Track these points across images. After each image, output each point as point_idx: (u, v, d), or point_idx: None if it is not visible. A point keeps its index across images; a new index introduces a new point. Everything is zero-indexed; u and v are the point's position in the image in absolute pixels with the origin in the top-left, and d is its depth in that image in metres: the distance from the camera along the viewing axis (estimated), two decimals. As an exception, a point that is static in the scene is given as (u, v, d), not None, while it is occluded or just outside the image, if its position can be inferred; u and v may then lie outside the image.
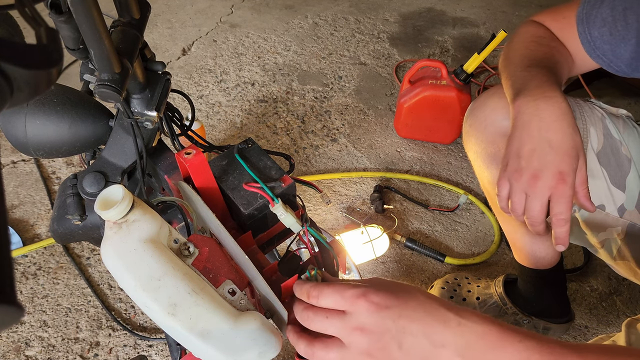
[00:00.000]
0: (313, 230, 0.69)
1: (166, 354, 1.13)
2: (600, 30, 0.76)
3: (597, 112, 0.85)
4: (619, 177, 0.84)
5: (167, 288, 0.51)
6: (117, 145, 0.78)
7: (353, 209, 1.43)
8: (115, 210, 0.51)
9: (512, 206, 0.70)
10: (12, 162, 1.53)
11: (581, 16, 0.78)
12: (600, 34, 0.77)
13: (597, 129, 0.84)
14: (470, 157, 0.97)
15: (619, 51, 0.76)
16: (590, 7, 0.78)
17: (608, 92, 0.76)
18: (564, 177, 0.66)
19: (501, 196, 0.72)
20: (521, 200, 0.69)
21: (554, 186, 0.66)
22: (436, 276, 1.28)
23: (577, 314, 1.20)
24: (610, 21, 0.75)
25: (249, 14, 2.20)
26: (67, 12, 0.58)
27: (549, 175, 0.66)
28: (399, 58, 1.97)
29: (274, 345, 0.55)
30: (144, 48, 0.73)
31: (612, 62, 0.78)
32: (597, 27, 0.77)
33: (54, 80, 0.30)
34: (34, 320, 1.18)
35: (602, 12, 0.76)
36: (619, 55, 0.76)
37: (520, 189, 0.69)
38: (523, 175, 0.68)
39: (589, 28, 0.77)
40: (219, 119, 1.70)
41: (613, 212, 0.85)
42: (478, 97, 0.92)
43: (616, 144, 0.84)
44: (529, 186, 0.68)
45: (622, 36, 0.74)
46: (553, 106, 0.67)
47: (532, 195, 0.68)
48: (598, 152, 0.83)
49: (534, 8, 2.26)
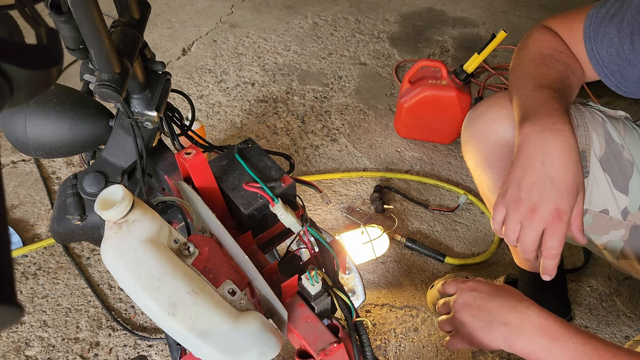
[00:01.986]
0: (313, 230, 0.69)
1: (166, 354, 1.13)
2: (608, 51, 0.75)
3: (597, 117, 0.85)
4: (621, 181, 0.83)
5: (167, 288, 0.51)
6: (117, 145, 0.78)
7: (353, 209, 1.43)
8: (115, 210, 0.51)
9: (506, 233, 0.71)
10: (12, 162, 1.53)
11: (588, 33, 0.77)
12: (608, 54, 0.76)
13: (599, 135, 0.83)
14: (469, 166, 0.97)
15: (626, 73, 0.75)
16: (597, 25, 0.76)
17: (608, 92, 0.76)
18: (560, 215, 0.66)
19: (496, 220, 0.72)
20: (516, 229, 0.70)
21: (550, 221, 0.67)
22: (436, 276, 1.28)
23: (577, 314, 1.20)
24: (617, 42, 0.74)
25: (249, 14, 2.20)
26: (67, 12, 0.58)
27: (546, 210, 0.67)
28: (399, 58, 1.97)
29: (274, 345, 0.56)
30: (144, 48, 0.74)
31: (620, 82, 0.77)
32: (604, 47, 0.76)
33: (54, 80, 0.30)
34: (34, 320, 1.18)
35: (609, 32, 0.75)
36: (627, 77, 0.76)
37: (516, 218, 0.69)
38: (521, 207, 0.68)
39: (597, 47, 0.77)
40: (219, 119, 1.70)
41: (617, 215, 0.85)
42: (477, 106, 0.91)
43: (618, 148, 0.83)
44: (526, 218, 0.68)
45: (628, 59, 0.73)
46: (560, 140, 0.67)
47: (527, 227, 0.68)
48: (601, 158, 0.83)
49: (534, 8, 2.26)
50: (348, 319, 0.61)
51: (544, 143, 0.67)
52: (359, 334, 0.61)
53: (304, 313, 0.64)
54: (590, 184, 0.83)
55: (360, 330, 0.61)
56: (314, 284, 0.63)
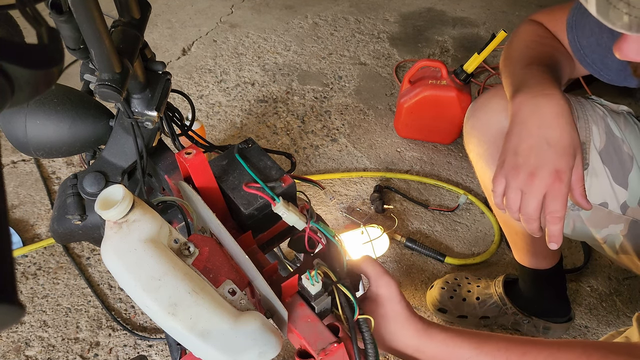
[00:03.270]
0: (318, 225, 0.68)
1: (166, 354, 1.13)
2: (589, 40, 0.76)
3: (598, 110, 0.85)
4: (621, 174, 0.84)
5: (167, 288, 0.51)
6: (117, 145, 0.78)
7: (353, 209, 1.43)
8: (115, 210, 0.51)
9: (507, 203, 0.70)
10: (12, 162, 1.53)
11: (571, 23, 0.78)
12: (588, 43, 0.77)
13: (599, 128, 0.84)
14: (471, 158, 0.97)
15: (607, 61, 0.76)
16: (579, 15, 0.77)
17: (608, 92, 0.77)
18: (560, 176, 0.66)
19: (496, 192, 0.71)
20: (517, 198, 0.69)
21: (550, 184, 0.66)
22: (436, 276, 1.28)
23: (577, 314, 1.20)
24: (597, 31, 0.75)
25: (249, 14, 2.20)
26: (68, 12, 0.58)
27: (545, 173, 0.66)
28: (399, 58, 1.97)
29: (274, 345, 0.56)
30: (144, 48, 0.74)
31: (602, 70, 0.78)
32: (585, 36, 0.77)
33: (54, 80, 0.30)
34: (34, 320, 1.18)
35: (590, 21, 0.76)
36: (607, 64, 0.76)
37: (516, 185, 0.68)
38: (520, 173, 0.68)
39: (578, 37, 0.78)
40: (219, 119, 1.70)
41: (616, 209, 0.85)
42: (479, 98, 0.92)
43: (618, 142, 0.84)
44: (526, 184, 0.67)
45: (608, 47, 0.74)
46: (552, 103, 0.67)
47: (528, 193, 0.68)
48: (600, 150, 0.83)
49: (533, 8, 2.26)
50: (349, 317, 0.61)
51: (537, 108, 0.68)
52: (361, 331, 0.61)
53: (304, 313, 0.64)
54: (589, 177, 0.84)
55: (363, 327, 0.61)
56: (314, 284, 0.63)
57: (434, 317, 1.20)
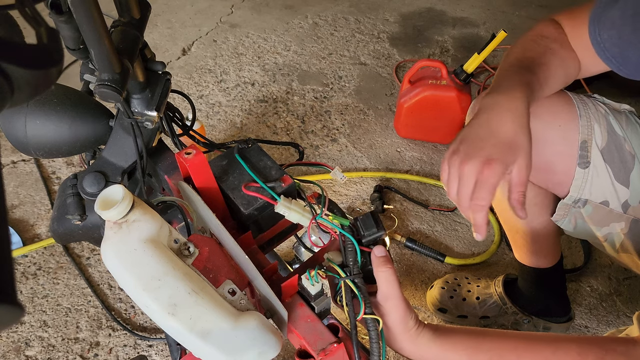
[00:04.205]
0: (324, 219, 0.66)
1: (166, 354, 1.13)
2: (610, 33, 0.76)
3: (600, 109, 0.85)
4: (622, 173, 0.84)
5: (167, 288, 0.51)
6: (117, 145, 0.78)
7: (353, 209, 1.43)
8: (115, 210, 0.51)
9: (447, 189, 0.71)
10: (12, 162, 1.53)
11: (594, 16, 0.78)
12: (609, 36, 0.76)
13: (601, 126, 0.84)
14: None
15: (628, 55, 0.75)
16: (602, 9, 0.77)
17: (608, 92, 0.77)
18: (491, 164, 0.65)
19: (443, 180, 0.72)
20: (454, 184, 0.69)
21: (479, 171, 0.66)
22: (436, 276, 1.28)
23: (577, 314, 1.20)
24: (619, 24, 0.74)
25: (249, 14, 2.20)
26: (68, 12, 0.58)
27: (477, 160, 0.66)
28: (399, 58, 1.97)
29: (274, 345, 0.56)
30: (144, 48, 0.74)
31: (622, 65, 0.77)
32: (606, 29, 0.76)
33: (54, 80, 0.30)
34: (34, 320, 1.18)
35: (612, 14, 0.75)
36: (628, 58, 0.76)
37: (454, 172, 0.69)
38: (456, 159, 0.68)
39: (599, 29, 0.77)
40: (219, 119, 1.70)
41: (617, 208, 0.85)
42: (479, 98, 0.92)
43: (620, 140, 0.84)
44: (458, 169, 0.68)
45: (629, 41, 0.74)
46: (510, 103, 0.69)
47: (461, 179, 0.68)
48: (602, 148, 0.83)
49: (534, 8, 2.26)
50: (351, 317, 0.61)
51: (494, 104, 0.70)
52: (367, 329, 0.60)
53: (304, 313, 0.64)
54: (591, 175, 0.84)
55: (369, 326, 0.60)
56: (314, 284, 0.63)
57: (434, 317, 1.20)
